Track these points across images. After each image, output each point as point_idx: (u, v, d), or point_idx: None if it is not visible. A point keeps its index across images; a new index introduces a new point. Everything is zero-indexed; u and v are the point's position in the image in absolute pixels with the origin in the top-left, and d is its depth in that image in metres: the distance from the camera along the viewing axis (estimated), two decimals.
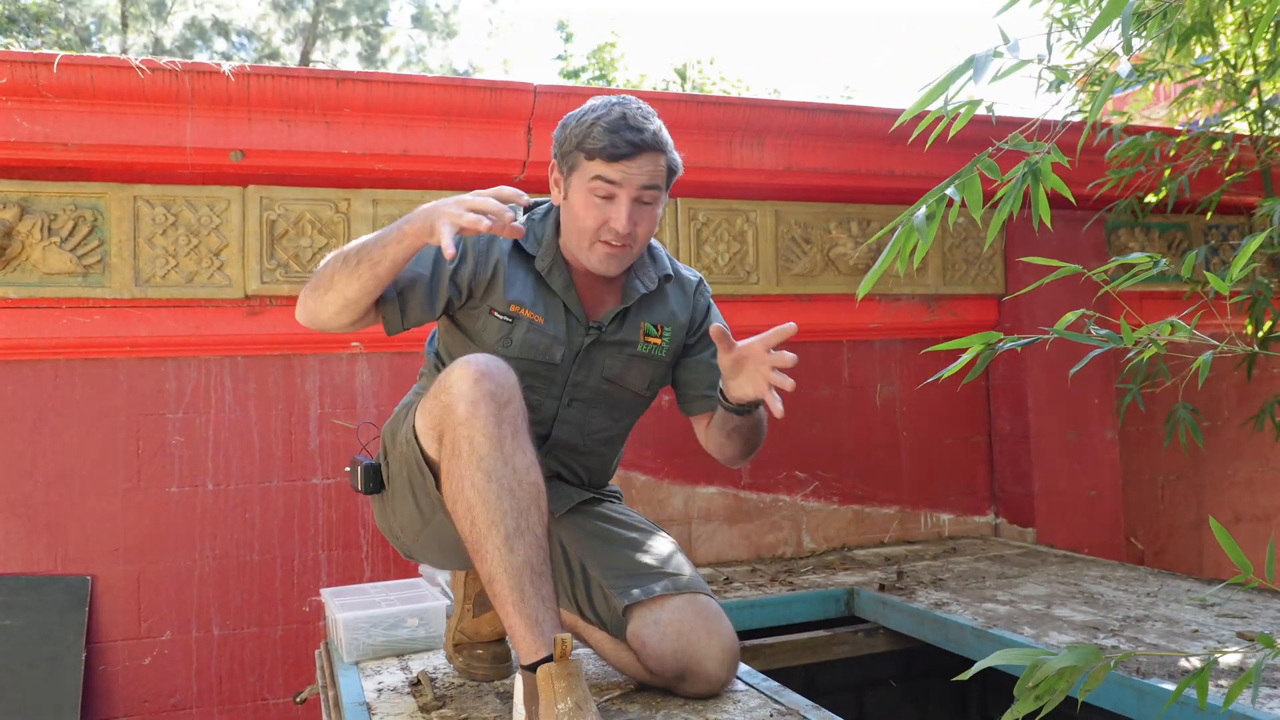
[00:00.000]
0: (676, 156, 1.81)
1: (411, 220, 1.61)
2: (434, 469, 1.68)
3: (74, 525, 2.85)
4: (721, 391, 1.78)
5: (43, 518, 2.83)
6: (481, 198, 1.59)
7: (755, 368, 1.66)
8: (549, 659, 1.45)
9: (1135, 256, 1.47)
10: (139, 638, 2.88)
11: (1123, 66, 1.31)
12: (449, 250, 1.51)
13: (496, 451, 1.54)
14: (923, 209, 1.36)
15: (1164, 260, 1.48)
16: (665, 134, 1.77)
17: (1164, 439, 3.24)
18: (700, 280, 2.03)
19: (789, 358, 1.62)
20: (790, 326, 1.61)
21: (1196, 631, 2.36)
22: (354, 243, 1.69)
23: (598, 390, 1.90)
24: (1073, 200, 1.50)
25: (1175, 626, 2.41)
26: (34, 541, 2.82)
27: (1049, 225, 1.41)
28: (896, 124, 1.67)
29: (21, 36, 12.80)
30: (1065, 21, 2.98)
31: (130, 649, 2.87)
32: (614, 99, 1.77)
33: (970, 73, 1.34)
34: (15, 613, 2.75)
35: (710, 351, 1.97)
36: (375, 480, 1.87)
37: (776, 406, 1.62)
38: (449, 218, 1.55)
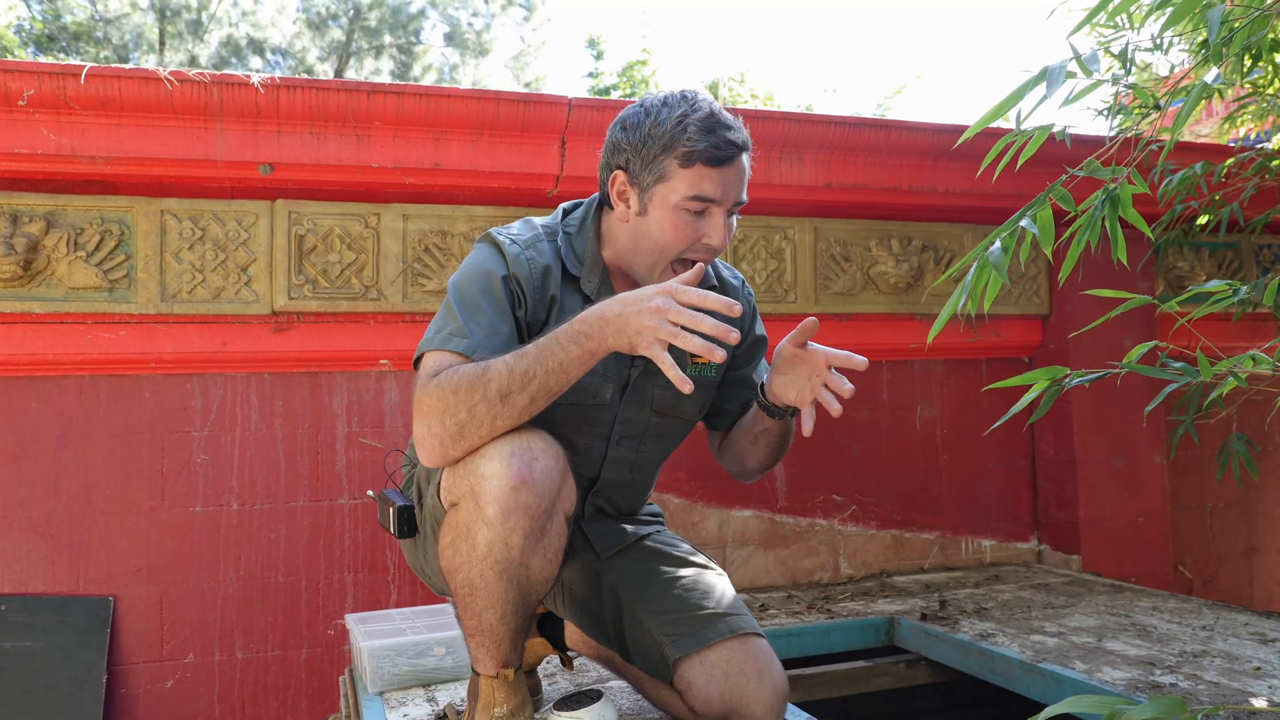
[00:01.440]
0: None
1: (590, 336, 1.40)
2: None
3: (97, 544, 2.80)
4: (763, 386, 1.67)
5: (65, 537, 2.79)
6: (690, 312, 1.34)
7: (809, 376, 1.56)
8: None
9: (1212, 284, 1.37)
10: (161, 660, 2.83)
11: (1211, 74, 1.22)
12: (685, 387, 1.34)
13: (517, 557, 1.47)
14: (997, 243, 1.27)
15: (1245, 288, 1.38)
16: None
17: (1214, 465, 3.11)
18: (743, 283, 1.88)
19: (847, 387, 1.51)
20: (863, 360, 1.50)
21: (1259, 670, 2.24)
22: (494, 374, 1.42)
23: (647, 424, 1.76)
24: (1147, 231, 1.39)
25: (1236, 663, 2.30)
26: (56, 561, 2.78)
27: (1124, 259, 1.31)
28: (960, 141, 1.58)
29: (62, 55, 12.98)
30: (1109, 49, 2.88)
31: (152, 671, 2.82)
32: (678, 95, 1.59)
33: (1042, 86, 1.24)
34: (36, 633, 2.70)
35: (750, 368, 1.85)
36: (409, 524, 1.74)
37: (807, 424, 1.56)
38: (653, 334, 1.35)
